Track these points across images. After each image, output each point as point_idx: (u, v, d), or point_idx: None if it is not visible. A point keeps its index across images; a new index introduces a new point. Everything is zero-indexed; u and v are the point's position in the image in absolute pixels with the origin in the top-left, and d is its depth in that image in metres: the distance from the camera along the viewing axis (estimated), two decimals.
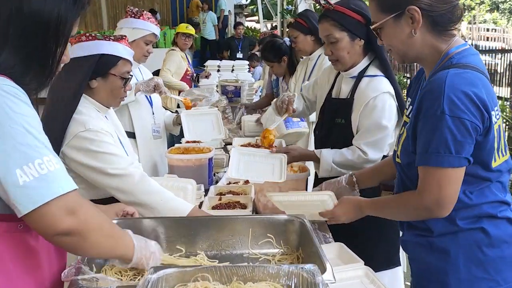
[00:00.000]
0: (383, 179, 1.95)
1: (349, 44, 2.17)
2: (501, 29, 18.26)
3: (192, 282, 1.17)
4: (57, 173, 1.08)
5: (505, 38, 16.59)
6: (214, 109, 3.09)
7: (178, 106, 4.97)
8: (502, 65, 11.25)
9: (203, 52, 12.71)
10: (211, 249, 1.58)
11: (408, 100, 1.70)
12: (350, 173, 1.99)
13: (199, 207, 2.35)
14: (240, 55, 10.15)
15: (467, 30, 10.30)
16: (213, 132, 2.98)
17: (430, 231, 1.57)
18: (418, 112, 1.48)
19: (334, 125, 2.28)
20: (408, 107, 1.67)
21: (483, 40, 12.22)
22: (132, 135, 2.89)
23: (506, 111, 7.76)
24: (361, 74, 2.21)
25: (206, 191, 2.57)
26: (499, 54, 11.73)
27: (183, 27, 5.88)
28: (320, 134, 2.39)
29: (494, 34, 16.22)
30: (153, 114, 3.02)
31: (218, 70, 6.71)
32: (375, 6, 1.57)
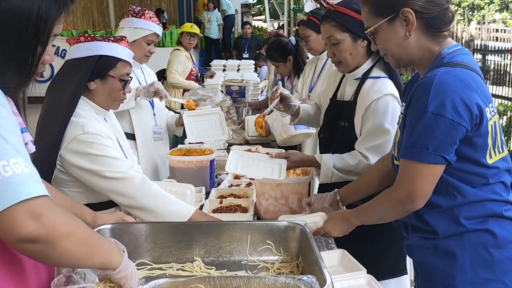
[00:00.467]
0: (367, 192, 1.90)
1: (351, 45, 2.12)
2: (511, 30, 18.12)
3: None
4: (25, 177, 1.01)
5: None
6: (217, 109, 3.04)
7: (182, 107, 4.93)
8: None
9: (209, 52, 12.67)
10: (209, 255, 1.53)
11: (403, 105, 1.69)
12: (335, 190, 1.96)
13: (200, 209, 2.32)
14: (246, 55, 10.10)
15: (476, 30, 10.20)
16: (217, 133, 2.93)
17: (435, 233, 1.55)
18: (407, 109, 1.51)
19: (338, 128, 2.23)
20: (404, 112, 1.66)
21: (493, 41, 12.08)
22: (132, 137, 2.85)
23: None
24: (365, 76, 2.16)
25: (208, 194, 2.54)
26: (509, 55, 11.58)
27: (188, 26, 5.84)
28: (324, 137, 2.35)
29: (504, 35, 16.06)
30: (154, 115, 2.97)
31: (224, 70, 6.68)
32: (369, 11, 1.58)
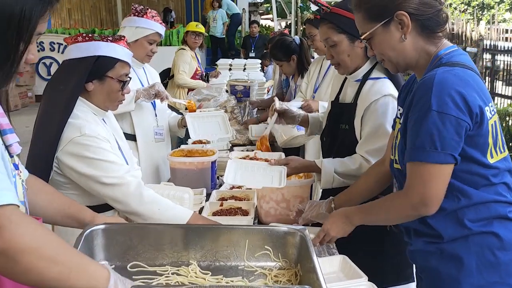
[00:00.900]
0: (362, 198, 1.86)
1: (349, 47, 2.09)
2: None
3: None
4: None
5: None
6: (221, 111, 2.98)
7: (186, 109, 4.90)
8: None
9: (215, 50, 12.62)
10: (205, 259, 1.49)
11: (399, 109, 1.69)
12: (330, 198, 1.92)
13: (199, 213, 2.29)
14: (253, 54, 10.05)
15: (486, 30, 10.07)
16: (220, 132, 2.89)
17: (440, 237, 1.53)
18: (408, 111, 1.48)
19: (338, 131, 2.20)
20: (401, 116, 1.65)
21: (502, 41, 11.92)
22: (133, 138, 2.82)
23: None
24: (366, 77, 2.12)
25: (209, 196, 2.50)
26: None
27: (193, 26, 5.81)
28: (326, 141, 2.31)
29: None
30: (156, 116, 2.93)
31: (230, 69, 6.64)
32: (362, 17, 1.57)
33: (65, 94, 1.86)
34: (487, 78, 9.70)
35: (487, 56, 9.57)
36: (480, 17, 20.03)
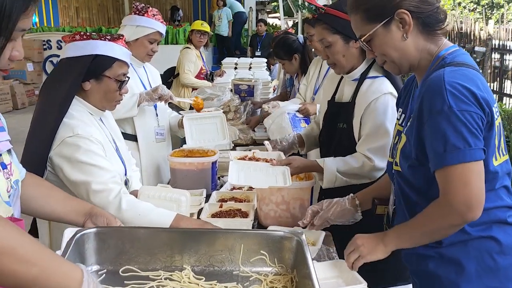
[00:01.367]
0: (387, 194, 1.80)
1: (344, 47, 2.11)
2: None
3: None
4: None
5: None
6: (219, 112, 2.94)
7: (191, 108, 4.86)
8: None
9: (221, 49, 12.57)
10: (199, 264, 1.45)
11: (399, 110, 1.66)
12: (352, 196, 1.85)
13: (198, 214, 2.25)
14: (259, 53, 10.00)
15: (495, 29, 9.94)
16: (218, 137, 2.85)
17: (439, 242, 1.50)
18: (420, 115, 1.42)
19: (336, 130, 2.21)
20: (400, 117, 1.63)
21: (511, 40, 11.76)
22: (134, 138, 2.79)
23: None
24: (363, 76, 2.14)
25: (209, 197, 2.47)
26: None
27: (198, 24, 5.79)
28: (324, 140, 2.32)
29: None
30: (157, 116, 2.90)
31: (235, 68, 6.60)
32: (361, 18, 1.53)
33: (61, 93, 1.83)
34: (496, 78, 9.60)
35: (496, 56, 9.45)
36: (490, 16, 19.82)
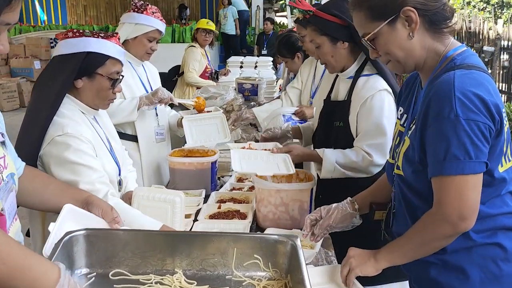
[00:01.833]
0: (386, 196, 1.74)
1: (331, 48, 2.17)
2: None
3: None
4: None
5: None
6: (219, 113, 2.90)
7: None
8: None
9: (227, 48, 12.54)
10: (191, 268, 1.42)
11: (400, 110, 1.61)
12: (351, 199, 1.79)
13: (196, 215, 2.22)
14: (265, 51, 9.95)
15: (504, 29, 9.79)
16: (218, 136, 2.81)
17: (443, 249, 1.44)
18: (425, 119, 1.36)
19: (332, 129, 2.24)
20: (401, 116, 1.58)
21: None
22: (134, 139, 2.76)
23: None
24: (358, 74, 2.18)
25: (208, 197, 2.44)
26: None
27: (204, 23, 5.75)
28: (320, 140, 2.33)
29: None
30: (157, 116, 2.85)
31: (241, 67, 6.56)
32: (365, 16, 1.47)
33: (53, 91, 1.80)
34: (504, 79, 9.48)
35: (505, 56, 9.32)
36: (500, 16, 19.60)
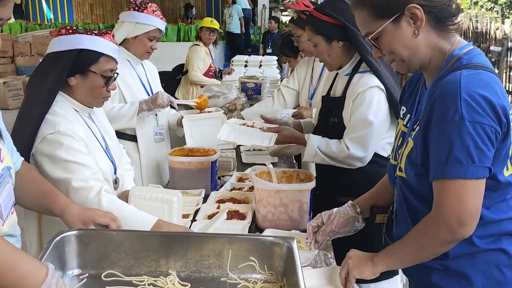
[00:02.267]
0: (387, 199, 1.71)
1: (327, 47, 2.23)
2: None
3: None
4: None
5: None
6: (220, 113, 2.87)
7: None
8: None
9: (232, 47, 12.51)
10: (185, 270, 1.39)
11: (403, 109, 1.57)
12: (351, 203, 1.76)
13: (195, 215, 2.20)
14: (269, 50, 9.91)
15: (511, 29, 9.72)
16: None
17: (445, 254, 1.40)
18: (429, 120, 1.32)
19: (328, 124, 2.31)
20: (404, 116, 1.54)
21: None
22: (134, 139, 2.74)
23: None
24: (354, 71, 2.24)
25: (208, 197, 2.41)
26: None
27: (208, 22, 5.74)
28: (317, 133, 2.36)
29: None
30: (156, 116, 2.82)
31: (246, 66, 6.54)
32: (368, 14, 1.42)
33: (45, 88, 1.78)
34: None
35: None
36: (507, 16, 19.43)
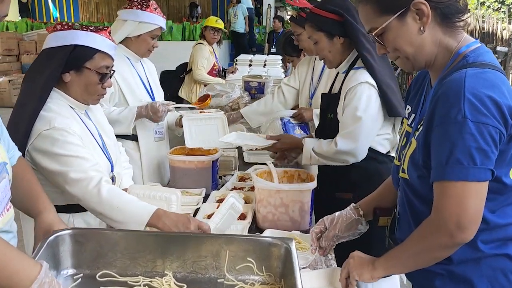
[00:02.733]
0: (390, 200, 1.66)
1: (328, 43, 2.25)
2: None
3: None
4: None
5: None
6: (220, 113, 2.84)
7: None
8: None
9: (237, 46, 12.50)
10: (181, 270, 1.37)
11: (408, 108, 1.52)
12: (354, 205, 1.71)
13: (194, 215, 2.17)
14: (274, 50, 9.89)
15: None
16: (218, 138, 2.75)
17: (449, 259, 1.35)
18: (431, 119, 1.28)
19: (326, 121, 2.35)
20: (409, 116, 1.49)
21: None
22: (134, 138, 2.73)
23: None
24: (350, 68, 2.27)
25: (209, 196, 2.39)
26: None
27: (213, 21, 5.72)
28: (318, 132, 2.43)
29: None
30: None
31: (250, 65, 6.52)
32: (372, 10, 1.38)
33: (39, 84, 1.76)
34: None
35: None
36: None
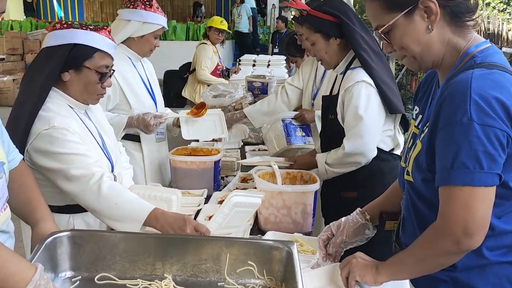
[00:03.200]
0: (394, 203, 1.63)
1: (325, 45, 2.29)
2: None
3: None
4: None
5: None
6: (218, 110, 2.81)
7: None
8: None
9: (241, 46, 12.47)
10: (181, 273, 1.36)
11: (416, 109, 1.49)
12: (360, 210, 1.68)
13: (196, 216, 2.15)
14: (277, 50, 9.88)
15: None
16: (216, 132, 2.73)
17: (453, 266, 1.33)
18: (436, 121, 1.24)
19: (327, 122, 2.38)
20: (416, 117, 1.46)
21: None
22: (137, 138, 2.71)
23: None
24: (347, 69, 2.30)
25: (210, 197, 2.37)
26: None
27: (217, 22, 5.70)
28: (321, 135, 2.46)
29: None
30: None
31: (254, 65, 6.49)
32: (379, 6, 1.34)
33: (38, 84, 1.75)
34: None
35: None
36: None
